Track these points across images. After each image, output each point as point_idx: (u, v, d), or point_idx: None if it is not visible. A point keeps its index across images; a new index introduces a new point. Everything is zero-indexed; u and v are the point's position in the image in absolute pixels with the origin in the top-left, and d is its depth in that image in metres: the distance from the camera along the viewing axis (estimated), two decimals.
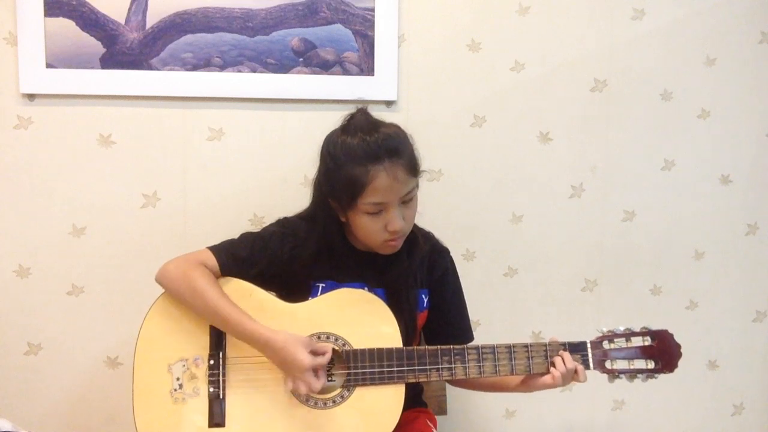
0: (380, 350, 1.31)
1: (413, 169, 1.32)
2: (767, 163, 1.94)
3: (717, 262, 1.95)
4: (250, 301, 1.33)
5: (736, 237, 1.96)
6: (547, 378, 1.31)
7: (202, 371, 1.31)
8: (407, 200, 1.33)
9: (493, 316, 1.86)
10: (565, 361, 1.30)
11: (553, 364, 1.31)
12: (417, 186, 1.35)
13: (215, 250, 1.37)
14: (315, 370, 1.25)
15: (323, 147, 1.36)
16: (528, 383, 1.35)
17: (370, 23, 1.72)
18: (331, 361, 1.35)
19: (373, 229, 1.32)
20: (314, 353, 1.26)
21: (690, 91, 1.88)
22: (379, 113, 1.39)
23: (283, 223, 1.44)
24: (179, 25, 1.66)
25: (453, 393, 1.67)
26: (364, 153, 1.28)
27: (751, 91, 1.90)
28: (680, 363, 1.35)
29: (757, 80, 1.90)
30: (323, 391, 1.31)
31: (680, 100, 1.88)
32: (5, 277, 1.68)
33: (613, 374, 1.33)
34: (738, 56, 1.88)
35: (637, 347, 1.33)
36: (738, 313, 1.99)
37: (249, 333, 1.27)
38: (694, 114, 1.89)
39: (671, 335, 1.34)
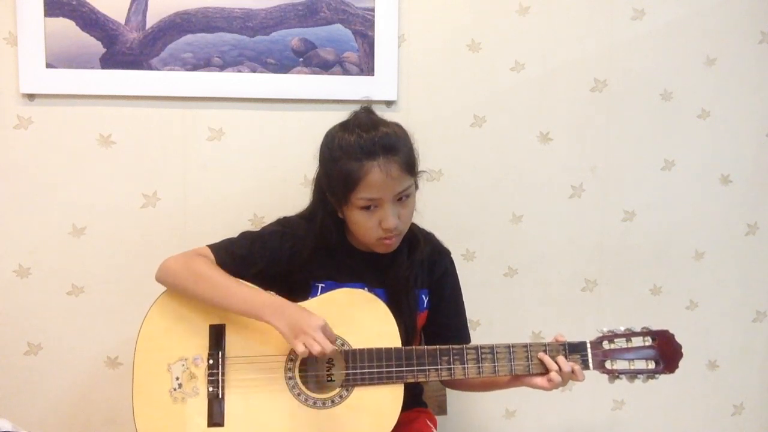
0: (379, 350, 1.30)
1: (409, 167, 1.32)
2: (767, 163, 1.94)
3: (717, 262, 1.95)
4: None
5: (736, 237, 1.96)
6: (542, 381, 1.29)
7: (201, 371, 1.31)
8: (402, 198, 1.32)
9: (493, 316, 1.86)
10: (560, 365, 1.28)
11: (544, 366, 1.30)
12: (415, 186, 1.35)
13: (214, 248, 1.37)
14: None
15: (322, 142, 1.37)
16: (522, 380, 1.33)
17: (370, 23, 1.71)
18: (331, 361, 1.35)
19: (367, 225, 1.32)
20: None
21: (690, 91, 1.88)
22: (379, 113, 1.39)
23: (283, 223, 1.44)
24: (179, 25, 1.66)
25: (453, 393, 1.67)
26: (359, 148, 1.29)
27: (751, 91, 1.90)
28: (680, 363, 1.34)
29: (757, 80, 1.90)
30: (322, 390, 1.31)
31: (680, 100, 1.88)
32: (5, 277, 1.68)
33: (614, 375, 1.32)
34: (738, 56, 1.88)
35: (637, 347, 1.32)
36: (738, 313, 1.99)
37: (262, 301, 1.27)
38: (694, 114, 1.89)
39: (672, 335, 1.33)
